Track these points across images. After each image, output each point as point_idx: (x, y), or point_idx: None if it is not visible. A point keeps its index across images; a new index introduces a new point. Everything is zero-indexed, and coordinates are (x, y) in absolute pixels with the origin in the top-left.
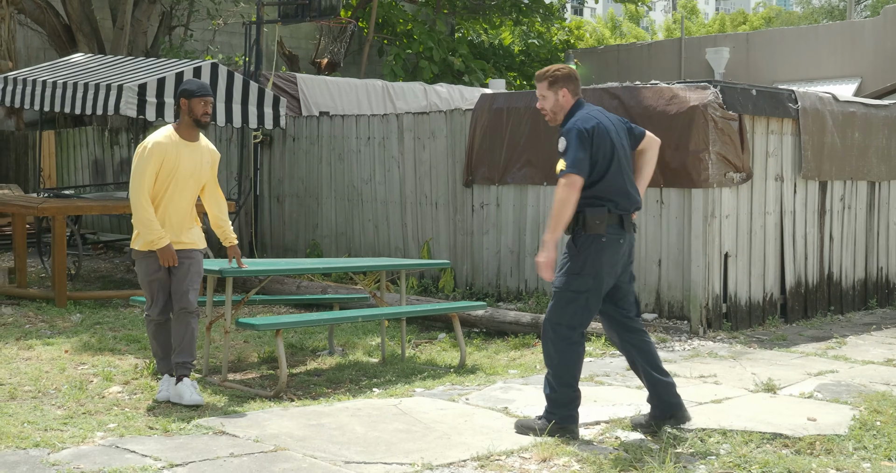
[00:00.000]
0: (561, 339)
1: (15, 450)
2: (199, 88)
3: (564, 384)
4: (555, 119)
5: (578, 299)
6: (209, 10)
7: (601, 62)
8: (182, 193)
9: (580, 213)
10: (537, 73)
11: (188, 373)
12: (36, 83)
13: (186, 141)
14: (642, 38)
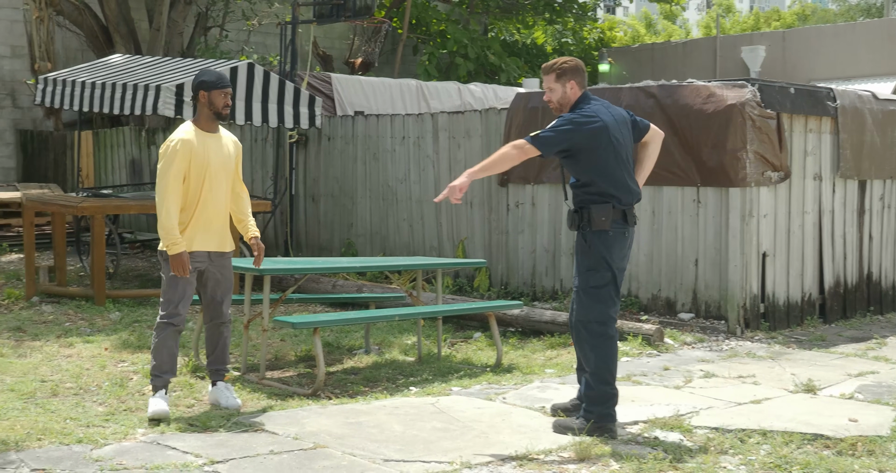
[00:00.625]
0: (595, 336)
1: (58, 446)
2: (219, 79)
3: (603, 382)
4: (560, 111)
5: (601, 293)
6: (244, 11)
7: (635, 61)
8: (218, 187)
9: (585, 209)
10: (545, 65)
11: (222, 377)
12: (74, 84)
13: (208, 133)
14: (678, 35)
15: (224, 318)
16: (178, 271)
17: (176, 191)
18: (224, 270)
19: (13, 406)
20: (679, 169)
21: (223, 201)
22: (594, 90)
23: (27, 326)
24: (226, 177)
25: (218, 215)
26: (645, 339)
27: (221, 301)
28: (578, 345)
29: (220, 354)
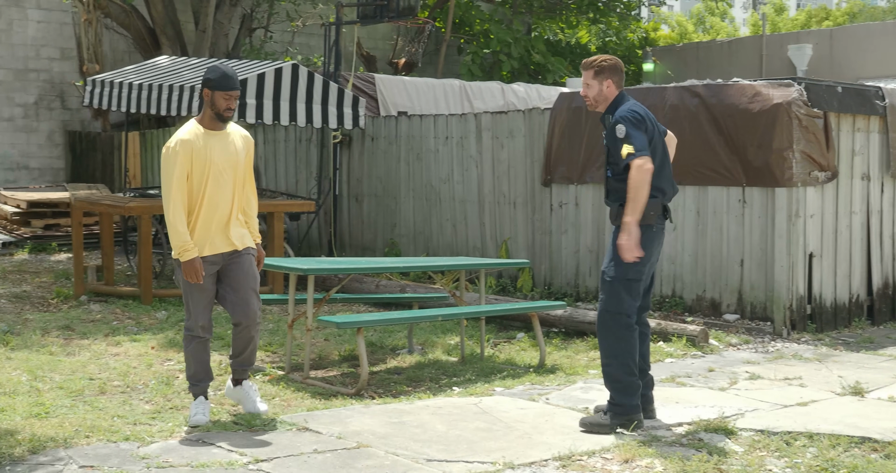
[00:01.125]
0: (622, 327)
1: (106, 443)
2: (225, 80)
3: (629, 373)
4: (595, 107)
5: (635, 286)
6: (289, 12)
7: (680, 60)
8: (223, 188)
9: None
10: (585, 61)
11: (246, 376)
12: (122, 85)
13: (213, 131)
14: (726, 33)
15: (254, 318)
16: (191, 278)
17: (181, 194)
18: (245, 265)
19: (62, 404)
20: (724, 169)
21: (231, 201)
22: (639, 90)
23: (76, 324)
24: (233, 176)
25: (226, 215)
26: (689, 340)
27: (247, 300)
28: (603, 336)
29: (249, 356)
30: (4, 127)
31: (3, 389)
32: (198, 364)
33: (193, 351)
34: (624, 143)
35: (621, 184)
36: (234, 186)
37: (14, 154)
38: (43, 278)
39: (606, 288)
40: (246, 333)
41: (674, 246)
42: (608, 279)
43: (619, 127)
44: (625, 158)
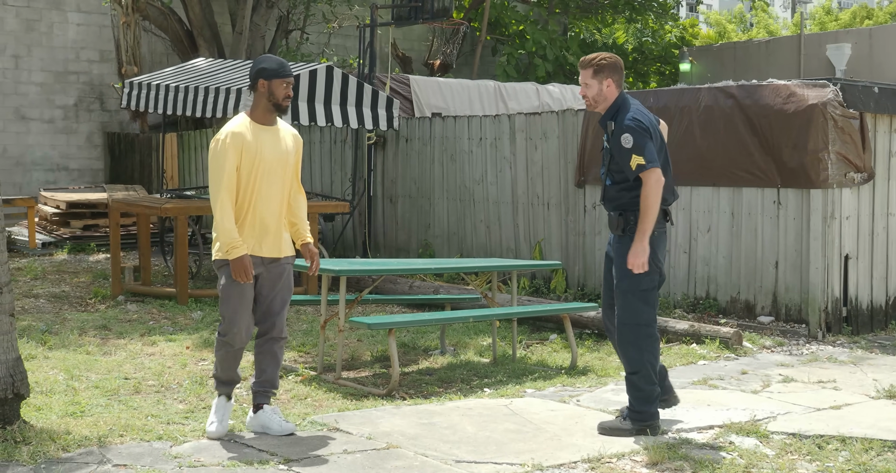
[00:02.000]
0: (643, 337)
1: (139, 442)
2: (281, 67)
3: (651, 382)
4: (594, 107)
5: (650, 295)
6: (325, 14)
7: (717, 60)
8: (272, 185)
9: (631, 212)
10: (582, 59)
11: (268, 400)
12: (159, 88)
13: (264, 126)
14: (771, 30)
15: (279, 332)
16: (241, 277)
17: (230, 189)
18: (281, 278)
19: (97, 403)
20: (759, 170)
21: (279, 201)
22: (673, 91)
23: (112, 324)
24: (283, 174)
25: (273, 216)
26: (723, 342)
27: (277, 313)
28: (623, 348)
29: (271, 374)
30: (45, 128)
31: (41, 388)
32: (225, 370)
33: (223, 358)
34: (633, 153)
35: (623, 193)
36: (284, 186)
37: (54, 155)
38: (81, 278)
39: (621, 301)
40: (269, 346)
41: (708, 248)
42: (622, 292)
43: (625, 137)
44: (634, 170)
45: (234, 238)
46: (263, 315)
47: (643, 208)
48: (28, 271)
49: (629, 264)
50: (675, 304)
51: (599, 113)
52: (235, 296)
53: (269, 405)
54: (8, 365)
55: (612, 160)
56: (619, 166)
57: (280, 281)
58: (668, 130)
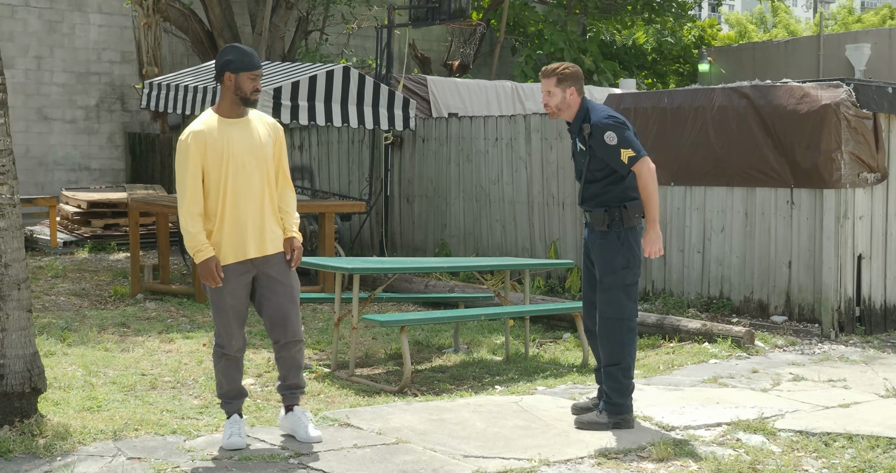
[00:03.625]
0: (626, 332)
1: (154, 436)
2: (248, 58)
3: (629, 376)
4: (556, 115)
5: (632, 290)
6: (344, 15)
7: (736, 60)
8: (249, 179)
9: (616, 208)
10: (544, 68)
11: (297, 401)
12: (178, 88)
13: (231, 119)
14: (795, 32)
15: (293, 336)
16: (209, 281)
17: (195, 191)
18: (279, 274)
19: (114, 398)
20: (772, 170)
21: (257, 196)
22: (687, 91)
23: (131, 322)
24: (258, 166)
25: (252, 212)
26: (734, 341)
27: (286, 316)
28: (605, 342)
29: (295, 377)
30: (67, 129)
31: (59, 383)
32: (230, 383)
33: (224, 369)
34: (620, 148)
35: (609, 187)
36: (263, 179)
37: (76, 155)
38: (101, 276)
39: (605, 296)
40: (286, 352)
41: (721, 248)
42: (606, 287)
43: (608, 134)
44: (627, 164)
45: (200, 242)
46: (273, 322)
47: (645, 196)
48: (49, 269)
49: (647, 252)
50: (689, 303)
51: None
52: (227, 307)
53: (299, 407)
54: (25, 360)
55: (591, 161)
56: (599, 165)
57: (281, 283)
58: (683, 131)
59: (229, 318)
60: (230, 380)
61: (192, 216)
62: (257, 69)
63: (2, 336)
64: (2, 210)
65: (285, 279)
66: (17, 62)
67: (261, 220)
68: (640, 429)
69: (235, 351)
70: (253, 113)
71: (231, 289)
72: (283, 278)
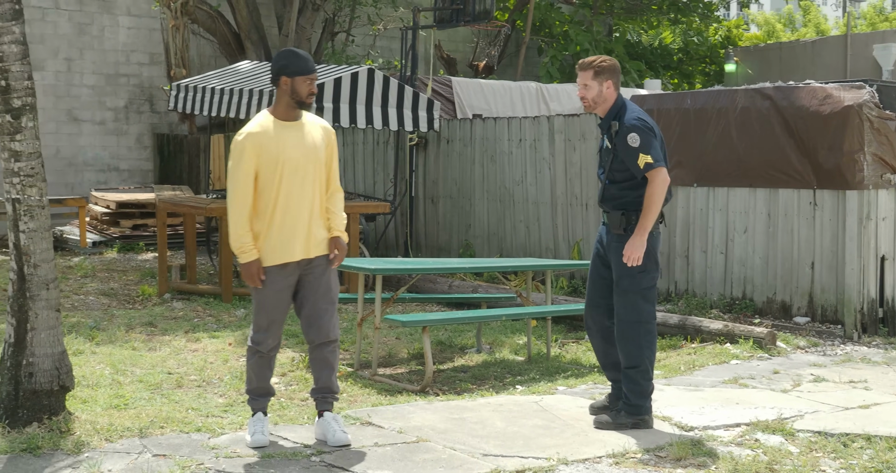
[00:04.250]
0: (644, 334)
1: (179, 434)
2: (303, 63)
3: (649, 378)
4: (592, 108)
5: (650, 293)
6: (370, 16)
7: (763, 60)
8: (301, 185)
9: (632, 211)
10: (581, 61)
11: (329, 407)
12: (205, 90)
13: (287, 122)
14: (824, 32)
15: (326, 336)
16: (251, 282)
17: (245, 193)
18: (321, 276)
19: (140, 396)
20: (795, 171)
21: (308, 198)
22: (710, 92)
23: (158, 321)
24: (312, 169)
25: (302, 215)
26: (756, 342)
27: (321, 316)
28: (625, 345)
29: (327, 380)
30: (96, 130)
31: (87, 381)
32: (259, 380)
33: (255, 366)
34: (640, 152)
35: (626, 192)
36: (315, 183)
37: (105, 156)
38: (130, 276)
39: (622, 300)
40: (319, 352)
41: (744, 248)
42: (623, 290)
43: (632, 136)
44: (642, 169)
45: (245, 243)
46: (308, 322)
47: (647, 204)
48: (79, 269)
49: (625, 257)
50: (712, 304)
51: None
52: (269, 306)
53: (331, 413)
54: (54, 358)
55: (614, 160)
56: (621, 166)
57: (320, 284)
58: (706, 132)
59: (269, 317)
60: (260, 378)
61: (241, 216)
62: (312, 73)
63: (31, 335)
64: (31, 212)
65: (326, 281)
66: (48, 64)
67: (309, 222)
68: (659, 429)
69: (269, 350)
70: (307, 116)
71: (275, 290)
72: (324, 280)
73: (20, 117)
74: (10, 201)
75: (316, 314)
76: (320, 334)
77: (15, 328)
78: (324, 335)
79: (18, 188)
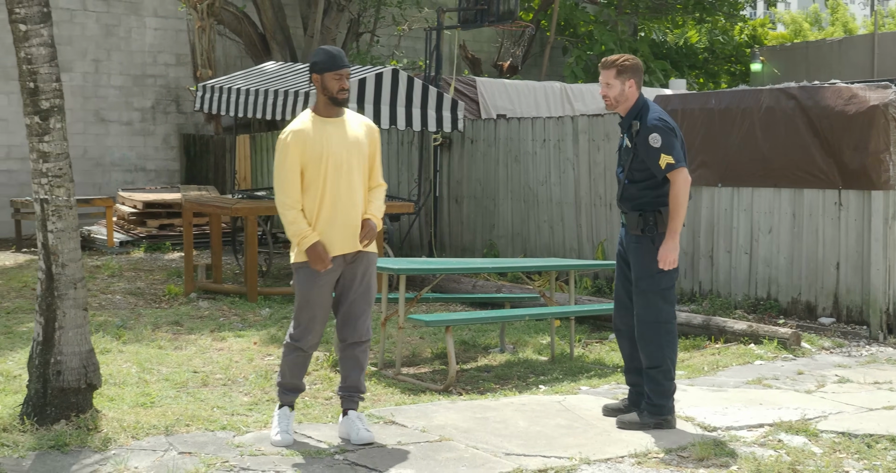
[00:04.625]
0: (664, 334)
1: (204, 432)
2: (331, 59)
3: (671, 378)
4: (614, 107)
5: (669, 294)
6: (394, 17)
7: (789, 60)
8: (345, 179)
9: (651, 212)
10: (604, 59)
11: (354, 406)
12: (231, 91)
13: (328, 118)
14: (852, 31)
15: (359, 336)
16: (318, 264)
17: (292, 187)
18: (361, 274)
19: (167, 394)
20: (820, 171)
21: (354, 193)
22: (734, 92)
23: (184, 320)
24: (357, 164)
25: (347, 209)
26: (781, 343)
27: (358, 316)
28: (646, 346)
29: (355, 379)
30: (123, 130)
31: (114, 380)
32: (293, 376)
33: (292, 363)
34: (661, 152)
35: (645, 192)
36: (360, 177)
37: (132, 156)
38: (156, 275)
39: (642, 299)
40: (350, 351)
41: (769, 249)
42: (642, 290)
43: (653, 136)
44: (664, 169)
45: (302, 229)
46: (344, 320)
47: (673, 206)
48: (106, 268)
49: (661, 262)
50: (736, 305)
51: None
52: (315, 302)
53: (355, 411)
54: (81, 357)
55: (633, 160)
56: (641, 166)
57: (361, 283)
58: (730, 132)
59: (311, 313)
60: (294, 374)
61: (291, 209)
62: (340, 69)
63: (59, 334)
64: (59, 212)
65: (366, 280)
66: (76, 65)
67: (355, 217)
68: (682, 430)
69: (309, 347)
70: (349, 113)
71: (319, 285)
72: (365, 278)
73: (48, 119)
74: (38, 202)
75: (353, 314)
76: (354, 333)
77: (43, 327)
78: (357, 335)
79: (47, 189)
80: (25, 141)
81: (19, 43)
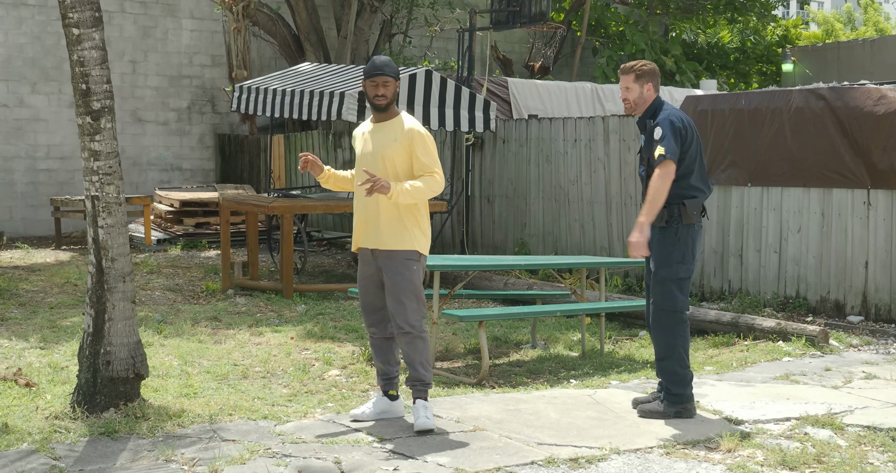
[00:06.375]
0: (678, 323)
1: (246, 421)
2: (370, 68)
3: (685, 366)
4: (634, 110)
5: (685, 284)
6: (427, 18)
7: (820, 60)
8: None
9: (680, 204)
10: (623, 65)
11: (424, 395)
12: (266, 91)
13: (376, 123)
14: (885, 31)
15: (399, 328)
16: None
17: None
18: (392, 271)
19: (209, 386)
20: (849, 171)
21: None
22: (763, 92)
23: (223, 316)
24: (383, 167)
25: (370, 208)
26: (809, 340)
27: (395, 308)
28: (659, 334)
29: (413, 371)
30: (160, 130)
31: (157, 372)
32: (375, 360)
33: (370, 347)
34: (658, 144)
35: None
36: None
37: (168, 156)
38: (194, 272)
39: (659, 289)
40: (397, 342)
41: (798, 248)
42: (659, 279)
43: (657, 129)
44: (656, 159)
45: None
46: (389, 314)
47: (649, 195)
48: (144, 265)
49: (630, 251)
50: (765, 303)
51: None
52: (359, 291)
53: (422, 400)
54: (130, 348)
55: (651, 157)
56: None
57: (393, 281)
58: (760, 132)
59: (360, 301)
60: (375, 358)
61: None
62: (374, 77)
63: (108, 325)
64: (108, 209)
65: (396, 276)
66: (114, 66)
67: (376, 215)
68: (710, 422)
69: (371, 334)
70: (400, 118)
71: (360, 275)
72: (394, 274)
73: (99, 119)
74: (89, 198)
75: (392, 308)
76: (395, 325)
77: (94, 319)
78: (396, 327)
79: (97, 186)
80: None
81: (72, 46)
